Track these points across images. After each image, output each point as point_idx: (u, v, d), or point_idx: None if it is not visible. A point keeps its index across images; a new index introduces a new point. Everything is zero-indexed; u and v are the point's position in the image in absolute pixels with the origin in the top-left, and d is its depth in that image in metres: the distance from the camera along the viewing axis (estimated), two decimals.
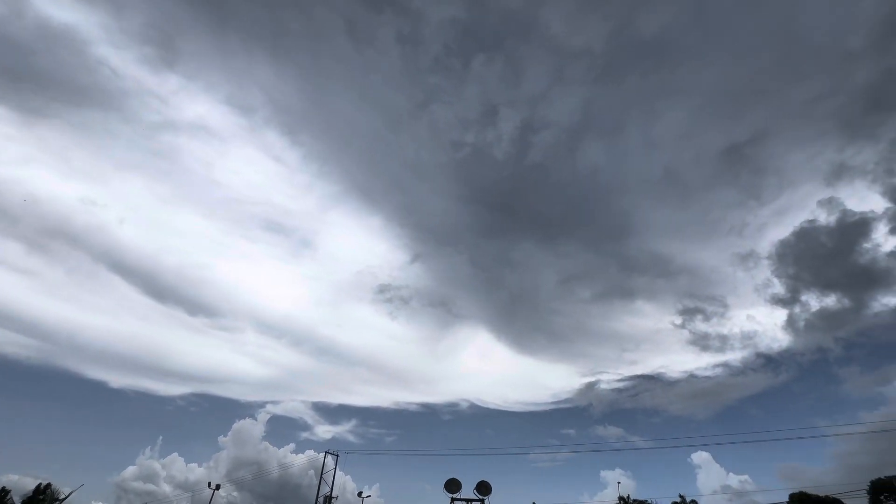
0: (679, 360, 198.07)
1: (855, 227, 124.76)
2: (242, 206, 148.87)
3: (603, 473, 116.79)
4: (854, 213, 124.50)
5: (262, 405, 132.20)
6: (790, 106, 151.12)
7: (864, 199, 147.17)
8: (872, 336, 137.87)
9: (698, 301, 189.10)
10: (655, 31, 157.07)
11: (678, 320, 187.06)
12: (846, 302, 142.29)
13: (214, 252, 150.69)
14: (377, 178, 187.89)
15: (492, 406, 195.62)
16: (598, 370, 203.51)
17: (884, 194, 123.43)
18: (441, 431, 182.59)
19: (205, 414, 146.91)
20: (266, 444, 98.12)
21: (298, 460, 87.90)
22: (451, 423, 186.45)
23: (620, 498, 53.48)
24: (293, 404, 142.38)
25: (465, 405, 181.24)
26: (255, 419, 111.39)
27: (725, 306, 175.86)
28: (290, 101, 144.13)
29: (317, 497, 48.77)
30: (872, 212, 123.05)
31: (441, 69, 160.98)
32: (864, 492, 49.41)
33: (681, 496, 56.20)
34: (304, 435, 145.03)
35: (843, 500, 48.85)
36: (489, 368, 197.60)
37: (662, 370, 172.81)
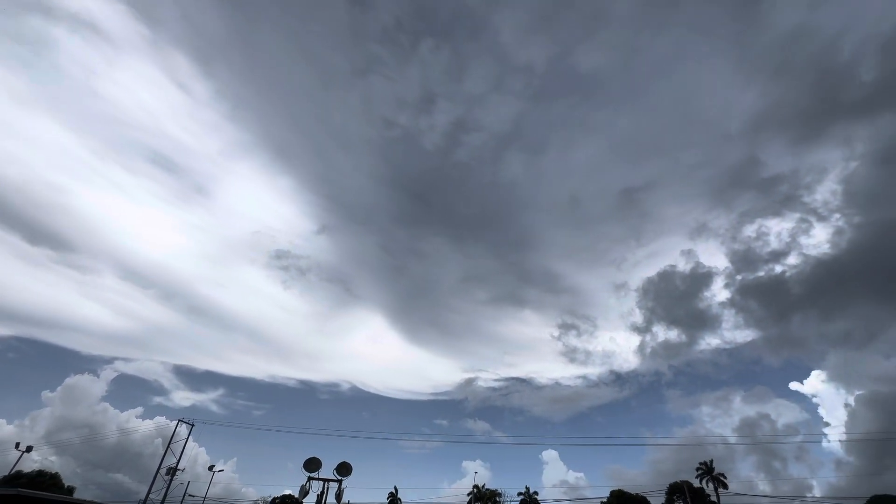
0: (550, 367, 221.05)
1: (702, 278, 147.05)
2: (126, 129, 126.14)
3: (465, 463, 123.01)
4: (704, 266, 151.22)
5: (108, 361, 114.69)
6: (678, 166, 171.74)
7: (712, 256, 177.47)
8: (695, 368, 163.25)
9: (575, 318, 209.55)
10: (590, 68, 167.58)
11: (556, 332, 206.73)
12: (683, 337, 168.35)
13: (78, 174, 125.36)
14: (296, 137, 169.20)
15: (373, 391, 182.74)
16: (479, 368, 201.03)
17: (726, 255, 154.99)
18: (317, 411, 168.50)
19: (27, 363, 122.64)
20: (106, 405, 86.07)
21: (144, 426, 78.98)
22: (328, 403, 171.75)
23: (475, 486, 57.37)
24: (150, 364, 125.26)
25: (346, 387, 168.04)
26: (97, 376, 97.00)
27: (595, 326, 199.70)
28: (210, 25, 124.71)
29: (158, 467, 43.90)
30: (716, 268, 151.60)
31: (388, 41, 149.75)
32: (664, 492, 60.36)
33: (526, 488, 62.55)
34: (158, 400, 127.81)
35: (648, 499, 58.59)
36: (377, 354, 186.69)
37: (534, 375, 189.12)
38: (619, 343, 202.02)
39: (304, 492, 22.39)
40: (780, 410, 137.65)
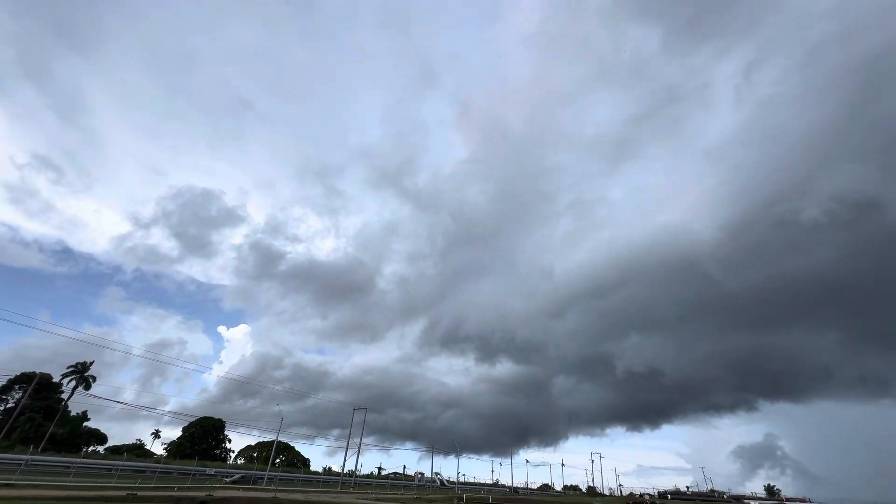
0: None
1: (237, 220, 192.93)
2: None
3: None
4: (246, 213, 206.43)
5: None
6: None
7: (258, 210, 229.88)
8: (160, 281, 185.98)
9: (76, 166, 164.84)
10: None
11: (28, 161, 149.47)
12: (176, 252, 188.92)
13: None
14: None
15: None
16: None
17: (267, 217, 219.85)
18: None
19: None
20: None
21: None
22: None
23: None
24: None
25: None
26: None
27: (90, 187, 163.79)
28: None
29: None
30: (257, 224, 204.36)
31: None
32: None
33: None
34: None
35: None
36: None
37: None
38: (101, 219, 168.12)
39: None
40: (201, 343, 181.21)
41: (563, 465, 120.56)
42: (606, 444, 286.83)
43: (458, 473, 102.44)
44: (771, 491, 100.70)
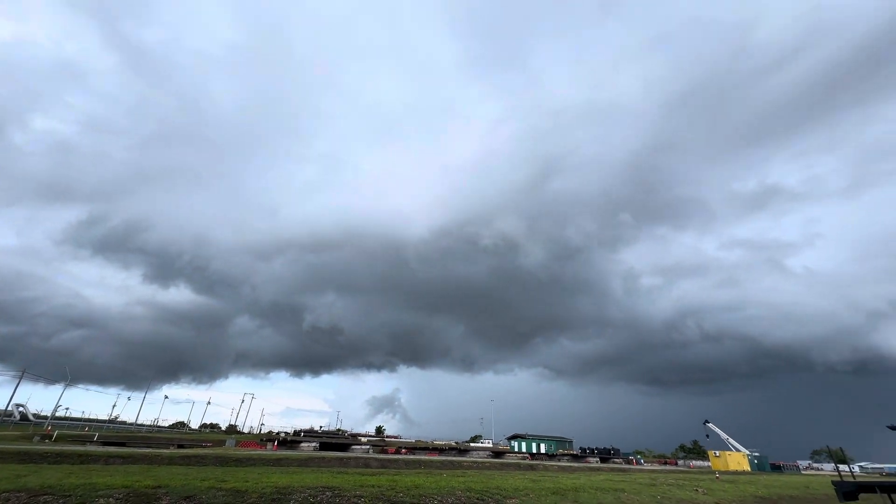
0: None
1: None
2: None
3: None
4: None
5: None
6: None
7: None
8: None
9: None
10: None
11: None
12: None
13: None
14: None
15: None
16: None
17: None
18: None
19: None
20: None
21: None
22: None
23: None
24: None
25: None
26: None
27: None
28: None
29: None
30: None
31: None
32: None
33: None
34: None
35: None
36: None
37: None
38: None
39: None
40: None
41: (209, 403, 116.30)
42: (266, 387, 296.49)
43: (58, 406, 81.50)
44: (379, 430, 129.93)
